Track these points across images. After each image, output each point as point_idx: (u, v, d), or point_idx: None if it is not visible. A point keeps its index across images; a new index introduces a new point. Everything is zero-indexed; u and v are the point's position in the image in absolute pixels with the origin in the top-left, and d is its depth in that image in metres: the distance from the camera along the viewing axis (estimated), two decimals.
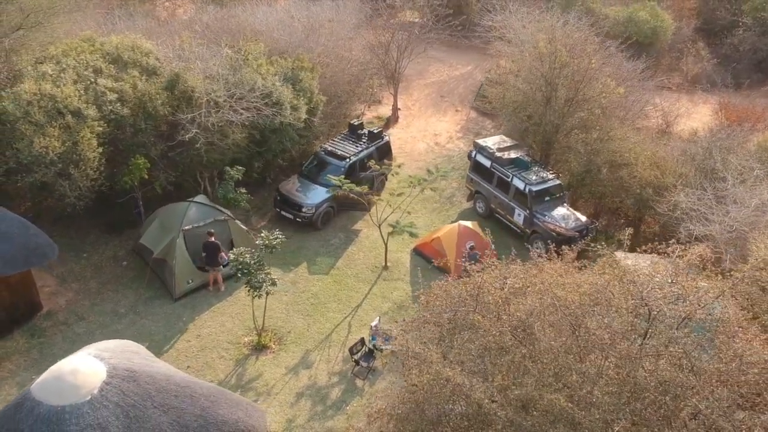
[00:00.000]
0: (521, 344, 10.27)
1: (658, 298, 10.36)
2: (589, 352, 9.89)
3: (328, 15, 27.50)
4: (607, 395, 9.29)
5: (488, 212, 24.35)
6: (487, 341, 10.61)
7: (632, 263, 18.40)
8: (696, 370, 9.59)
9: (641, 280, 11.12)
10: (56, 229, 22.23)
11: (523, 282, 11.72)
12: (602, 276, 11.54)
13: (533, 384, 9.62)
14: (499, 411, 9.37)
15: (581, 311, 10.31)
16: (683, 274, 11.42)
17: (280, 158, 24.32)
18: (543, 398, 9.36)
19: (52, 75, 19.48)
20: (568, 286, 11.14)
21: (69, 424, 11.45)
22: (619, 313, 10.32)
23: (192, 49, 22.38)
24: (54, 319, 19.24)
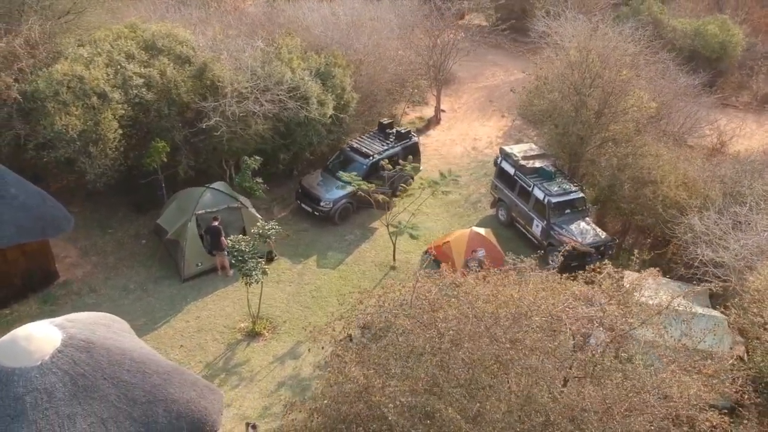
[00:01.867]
0: (435, 353, 10.13)
1: (577, 319, 9.97)
2: (494, 366, 9.64)
3: (371, 14, 27.63)
4: (499, 411, 9.04)
5: (509, 221, 23.92)
6: (410, 346, 10.53)
7: (632, 283, 17.73)
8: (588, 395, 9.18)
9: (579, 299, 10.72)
10: (88, 204, 23.50)
11: (457, 290, 11.51)
12: (535, 292, 11.19)
13: (437, 394, 9.48)
14: (392, 415, 9.29)
15: (494, 323, 10.04)
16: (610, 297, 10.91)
17: (307, 152, 24.68)
18: (440, 411, 9.21)
19: (86, 58, 20.52)
20: (497, 298, 10.85)
21: (17, 385, 12.11)
22: (533, 330, 10.00)
23: (224, 40, 23.00)
24: (68, 289, 20.30)
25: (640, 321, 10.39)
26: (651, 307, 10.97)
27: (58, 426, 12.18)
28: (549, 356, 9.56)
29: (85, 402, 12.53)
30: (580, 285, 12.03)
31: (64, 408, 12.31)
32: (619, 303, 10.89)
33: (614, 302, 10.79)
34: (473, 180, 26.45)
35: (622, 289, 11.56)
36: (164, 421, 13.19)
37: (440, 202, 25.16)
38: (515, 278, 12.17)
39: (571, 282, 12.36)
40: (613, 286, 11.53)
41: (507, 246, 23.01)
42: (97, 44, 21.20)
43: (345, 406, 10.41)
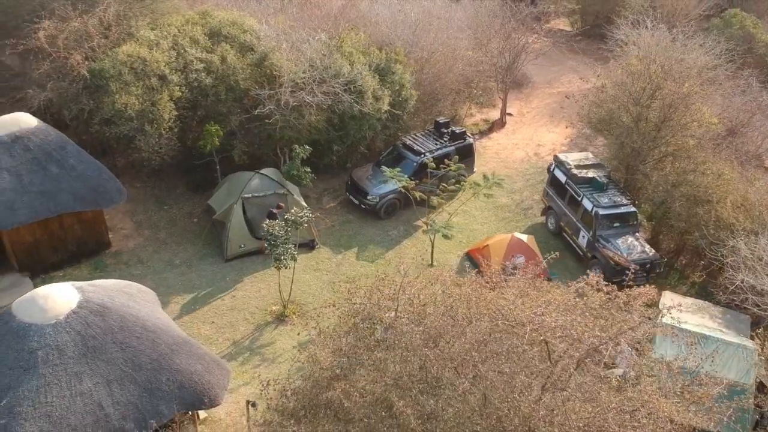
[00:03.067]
0: (407, 347, 10.16)
1: (542, 327, 9.72)
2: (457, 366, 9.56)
3: (440, 12, 27.61)
4: (451, 410, 8.99)
5: (557, 230, 23.41)
6: (385, 339, 10.62)
7: (669, 305, 17.07)
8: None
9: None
10: (150, 181, 24.70)
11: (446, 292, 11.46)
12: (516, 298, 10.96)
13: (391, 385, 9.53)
14: (347, 402, 9.42)
15: (467, 324, 9.95)
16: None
17: (362, 146, 24.98)
18: (395, 404, 9.26)
19: (152, 40, 21.57)
20: (473, 300, 10.73)
21: (31, 340, 13.03)
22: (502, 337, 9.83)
23: (288, 31, 23.58)
24: (118, 259, 21.45)
25: (611, 335, 9.98)
26: (631, 321, 10.52)
27: (66, 382, 12.99)
28: (512, 362, 9.38)
29: (93, 362, 13.31)
30: (565, 294, 11.67)
31: (72, 366, 13.12)
32: (597, 316, 10.53)
33: (587, 314, 10.43)
34: (528, 186, 26.00)
35: (615, 303, 11.14)
36: (166, 388, 13.82)
37: (490, 205, 24.92)
38: (498, 282, 11.87)
39: (556, 290, 11.99)
40: (600, 299, 11.12)
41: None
42: (165, 28, 22.20)
43: (316, 390, 10.61)
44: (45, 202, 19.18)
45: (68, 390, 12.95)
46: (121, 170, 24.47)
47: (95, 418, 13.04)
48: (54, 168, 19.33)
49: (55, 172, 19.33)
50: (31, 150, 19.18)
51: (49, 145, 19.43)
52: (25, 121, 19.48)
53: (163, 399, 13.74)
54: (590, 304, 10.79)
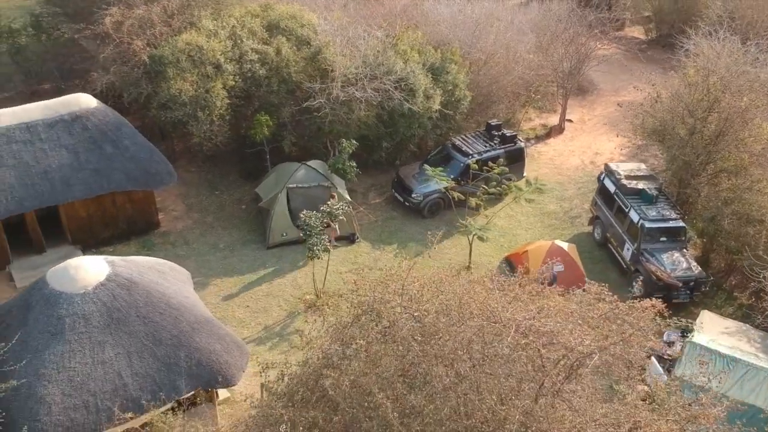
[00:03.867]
0: (395, 341, 10.24)
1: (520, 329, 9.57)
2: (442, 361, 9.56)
3: (501, 14, 27.39)
4: (433, 406, 9.01)
5: (603, 240, 22.89)
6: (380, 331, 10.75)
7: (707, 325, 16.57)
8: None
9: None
10: (205, 166, 25.54)
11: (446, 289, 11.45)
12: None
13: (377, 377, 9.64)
14: (331, 390, 9.59)
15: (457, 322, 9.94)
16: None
17: (411, 143, 25.08)
18: (374, 395, 9.38)
19: (211, 30, 22.29)
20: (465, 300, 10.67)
21: (60, 307, 13.75)
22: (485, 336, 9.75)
23: (345, 26, 23.91)
24: (165, 239, 22.29)
25: (600, 345, 9.72)
26: (622, 333, 10.22)
27: (89, 349, 13.67)
28: (494, 364, 9.31)
29: (116, 333, 13.94)
30: (567, 301, 11.45)
31: (96, 335, 13.79)
32: (593, 326, 10.29)
33: (580, 322, 10.20)
34: (579, 194, 25.49)
35: (615, 314, 10.87)
36: (185, 365, 14.33)
37: (537, 211, 24.60)
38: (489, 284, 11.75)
39: (557, 297, 11.76)
40: (602, 309, 10.87)
41: (594, 267, 22.15)
42: (225, 19, 22.88)
43: (313, 376, 10.84)
44: (99, 179, 20.15)
45: (90, 357, 13.61)
46: (178, 154, 25.46)
47: (114, 386, 13.66)
48: (109, 148, 20.26)
49: (110, 151, 20.26)
50: (89, 129, 20.15)
51: (105, 125, 20.38)
52: (85, 101, 20.48)
53: (180, 374, 14.24)
54: (588, 312, 10.57)
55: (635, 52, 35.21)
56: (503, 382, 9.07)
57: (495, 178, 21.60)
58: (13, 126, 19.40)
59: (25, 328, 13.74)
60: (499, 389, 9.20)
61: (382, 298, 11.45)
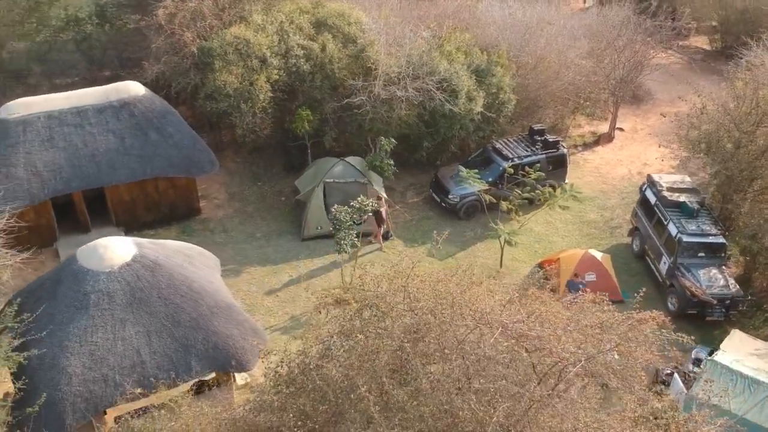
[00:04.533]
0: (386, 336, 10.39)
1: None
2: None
3: (552, 18, 27.09)
4: (416, 401, 9.12)
5: (641, 252, 22.42)
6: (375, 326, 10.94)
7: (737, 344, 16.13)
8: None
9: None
10: (250, 157, 26.18)
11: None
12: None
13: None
14: (319, 380, 9.80)
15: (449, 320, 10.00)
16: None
17: (452, 144, 25.09)
18: (359, 387, 9.56)
19: (259, 24, 22.83)
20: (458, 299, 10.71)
21: (87, 283, 14.43)
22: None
23: (392, 25, 24.08)
24: (205, 225, 22.97)
25: (586, 354, 9.58)
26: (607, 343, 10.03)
27: (111, 326, 14.30)
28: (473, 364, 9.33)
29: (138, 312, 14.52)
30: (556, 305, 11.30)
31: (119, 312, 14.41)
32: (585, 334, 10.15)
33: (569, 329, 10.06)
34: (622, 204, 24.98)
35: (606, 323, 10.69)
36: (201, 347, 14.81)
37: (576, 219, 24.27)
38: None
39: (555, 303, 11.63)
40: (599, 318, 10.71)
41: (630, 280, 21.74)
42: (275, 14, 23.39)
43: (308, 364, 11.11)
44: (142, 165, 20.95)
45: (112, 333, 14.22)
46: (225, 145, 26.16)
47: (132, 362, 14.24)
48: (153, 134, 21.02)
49: (154, 138, 21.02)
50: (136, 116, 20.96)
51: (151, 112, 21.15)
52: (134, 89, 21.31)
53: (196, 356, 14.73)
54: (584, 320, 10.45)
55: (697, 63, 34.28)
56: (484, 384, 9.10)
57: (530, 183, 21.38)
58: (65, 110, 20.36)
59: (54, 301, 14.47)
60: (481, 389, 9.23)
61: (383, 293, 11.59)
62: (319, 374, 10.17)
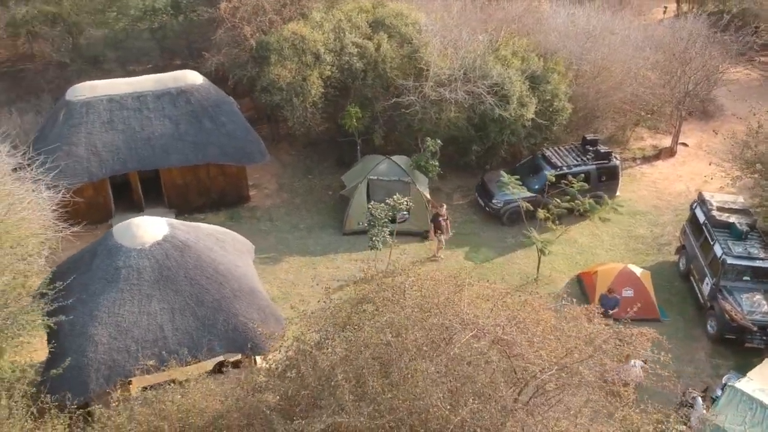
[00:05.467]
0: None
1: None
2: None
3: (614, 28, 26.54)
4: (390, 394, 9.34)
5: (686, 272, 21.76)
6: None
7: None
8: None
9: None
10: (304, 151, 26.91)
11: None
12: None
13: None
14: (305, 368, 10.14)
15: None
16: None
17: (503, 150, 25.00)
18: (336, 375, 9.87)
19: (317, 21, 23.41)
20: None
21: (119, 258, 15.28)
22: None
23: (450, 27, 24.23)
24: (252, 213, 23.76)
25: (560, 362, 9.47)
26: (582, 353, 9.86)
27: (138, 300, 15.09)
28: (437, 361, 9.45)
29: (164, 290, 15.28)
30: (546, 314, 11.17)
31: (146, 288, 15.19)
32: (563, 344, 10.05)
33: (550, 337, 9.98)
34: (675, 221, 24.23)
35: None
36: (221, 328, 15.44)
37: (624, 233, 23.76)
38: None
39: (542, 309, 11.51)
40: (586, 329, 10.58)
41: (672, 299, 21.21)
42: (333, 12, 23.92)
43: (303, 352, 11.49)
44: (195, 151, 21.87)
45: (138, 308, 15.01)
46: (281, 137, 26.97)
47: (155, 337, 14.99)
48: (207, 122, 21.90)
49: (208, 126, 21.90)
50: (192, 104, 21.90)
51: (207, 101, 22.05)
52: (192, 78, 22.27)
53: (216, 336, 15.36)
54: (569, 331, 10.36)
55: None
56: (452, 383, 9.23)
57: (572, 192, 21.08)
58: (126, 94, 21.49)
59: (89, 273, 15.40)
60: (449, 388, 9.37)
61: (381, 287, 11.85)
62: (311, 361, 10.50)
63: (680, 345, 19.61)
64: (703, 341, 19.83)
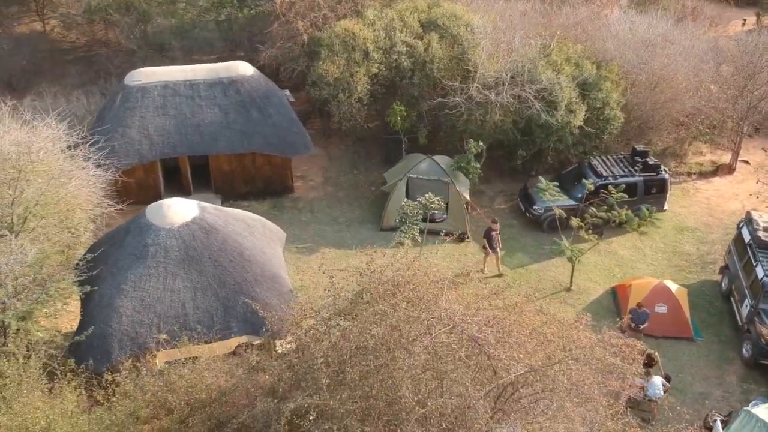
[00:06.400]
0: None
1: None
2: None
3: (675, 38, 25.81)
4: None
5: (728, 292, 21.03)
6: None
7: None
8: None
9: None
10: (354, 146, 27.32)
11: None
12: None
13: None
14: (291, 355, 10.49)
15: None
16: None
17: (550, 156, 24.74)
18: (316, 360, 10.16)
19: (370, 19, 23.76)
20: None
21: (148, 235, 16.03)
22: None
23: (503, 30, 24.15)
24: (295, 204, 24.32)
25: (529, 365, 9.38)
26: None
27: (163, 277, 15.80)
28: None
29: (188, 269, 15.95)
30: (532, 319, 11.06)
31: (172, 266, 15.89)
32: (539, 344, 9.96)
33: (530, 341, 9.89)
34: (724, 240, 23.34)
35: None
36: (241, 311, 15.99)
37: (669, 248, 23.14)
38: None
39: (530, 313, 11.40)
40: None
41: (709, 319, 20.59)
42: (386, 10, 24.22)
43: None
44: (241, 139, 22.58)
45: (162, 284, 15.71)
46: (333, 132, 27.40)
47: (176, 313, 15.66)
48: (255, 113, 22.57)
49: (255, 116, 22.57)
50: (241, 94, 22.61)
51: (256, 92, 22.71)
52: (243, 69, 22.98)
53: (234, 318, 15.92)
54: (549, 336, 10.27)
55: None
56: (422, 376, 9.37)
57: (610, 203, 20.69)
58: (179, 81, 22.38)
59: (121, 248, 16.21)
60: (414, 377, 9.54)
61: (379, 281, 12.07)
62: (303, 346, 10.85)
63: (712, 366, 19.05)
64: (737, 364, 19.15)
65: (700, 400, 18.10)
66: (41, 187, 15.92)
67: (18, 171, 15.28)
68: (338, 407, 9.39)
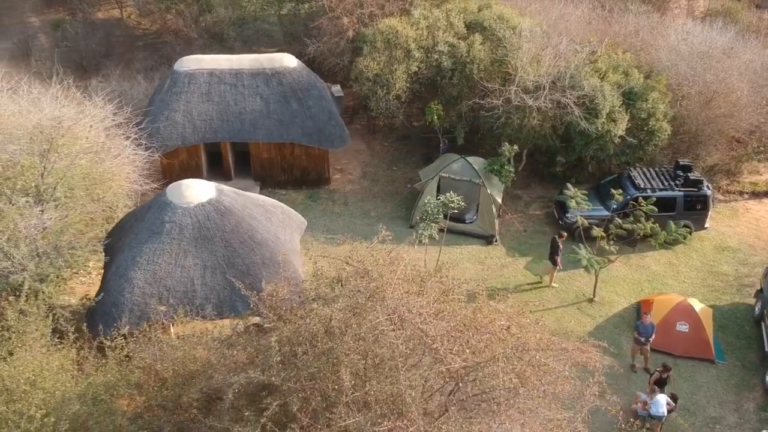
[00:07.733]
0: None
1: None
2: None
3: (735, 50, 24.78)
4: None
5: (760, 317, 20.15)
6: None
7: None
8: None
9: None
10: (397, 143, 27.63)
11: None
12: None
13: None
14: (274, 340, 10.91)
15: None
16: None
17: (591, 164, 24.30)
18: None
19: (416, 18, 23.97)
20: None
21: (166, 213, 16.82)
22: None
23: (550, 35, 23.87)
24: (330, 195, 24.81)
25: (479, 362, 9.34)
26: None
27: (175, 254, 16.58)
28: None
29: (200, 247, 16.67)
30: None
31: (185, 244, 16.64)
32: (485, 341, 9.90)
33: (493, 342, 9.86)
34: (766, 263, 22.41)
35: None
36: (246, 291, 16.46)
37: (705, 267, 22.33)
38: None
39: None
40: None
41: (736, 342, 19.81)
42: (433, 10, 24.35)
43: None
44: (280, 129, 23.24)
45: (174, 260, 16.46)
46: (377, 128, 27.77)
47: (185, 289, 16.38)
48: (295, 104, 23.18)
49: (295, 107, 23.17)
50: (283, 85, 23.26)
51: (297, 84, 23.30)
52: (287, 61, 23.61)
53: (240, 298, 16.45)
54: (516, 343, 10.18)
55: None
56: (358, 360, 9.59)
57: (637, 215, 20.15)
58: (225, 70, 23.23)
59: (141, 223, 17.06)
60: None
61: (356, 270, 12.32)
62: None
63: (730, 391, 18.36)
64: (757, 392, 18.36)
65: (711, 424, 17.47)
66: (73, 160, 16.94)
67: (49, 143, 16.31)
68: (281, 384, 9.72)
